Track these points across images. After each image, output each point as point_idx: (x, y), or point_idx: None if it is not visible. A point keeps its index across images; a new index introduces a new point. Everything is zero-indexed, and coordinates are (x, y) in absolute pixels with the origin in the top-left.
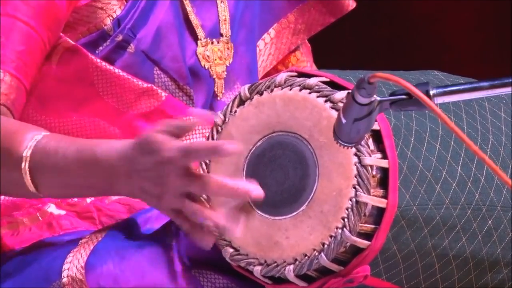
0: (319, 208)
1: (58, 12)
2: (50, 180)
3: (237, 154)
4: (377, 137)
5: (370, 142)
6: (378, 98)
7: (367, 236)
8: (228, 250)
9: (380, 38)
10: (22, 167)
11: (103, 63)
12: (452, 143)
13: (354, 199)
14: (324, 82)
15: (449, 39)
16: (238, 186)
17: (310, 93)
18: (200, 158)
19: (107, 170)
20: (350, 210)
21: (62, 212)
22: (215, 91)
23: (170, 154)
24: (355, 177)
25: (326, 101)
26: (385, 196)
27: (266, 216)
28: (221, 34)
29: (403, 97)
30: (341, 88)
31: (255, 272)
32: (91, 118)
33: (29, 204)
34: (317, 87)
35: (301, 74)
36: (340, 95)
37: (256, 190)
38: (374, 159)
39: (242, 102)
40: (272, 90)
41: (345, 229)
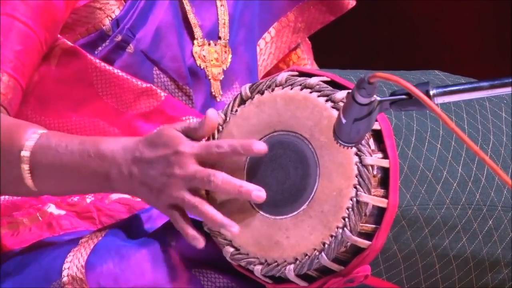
0: (320, 207)
1: (56, 12)
2: (48, 175)
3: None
4: (378, 137)
5: (371, 141)
6: (378, 98)
7: (368, 236)
8: (228, 250)
9: (380, 38)
10: (22, 163)
11: (102, 64)
12: (453, 143)
13: (354, 199)
14: (325, 82)
15: (449, 39)
16: (242, 185)
17: (311, 92)
18: (227, 155)
19: (108, 161)
20: (350, 209)
21: (62, 212)
22: (212, 93)
23: (189, 150)
24: (356, 176)
25: (327, 100)
26: (385, 196)
27: (267, 215)
28: (219, 37)
29: (403, 97)
30: (342, 87)
31: (256, 271)
32: (91, 118)
33: (29, 204)
34: (318, 87)
35: (302, 74)
36: (341, 95)
37: (257, 192)
38: (375, 159)
39: (243, 102)
40: (273, 90)
41: (345, 228)
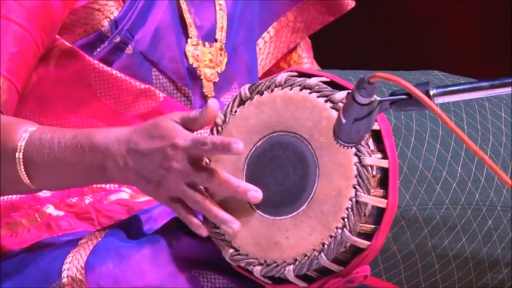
0: (319, 208)
1: (53, 13)
2: (44, 172)
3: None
4: (377, 137)
5: (370, 142)
6: (378, 98)
7: (367, 236)
8: (228, 250)
9: (380, 38)
10: (16, 157)
11: (101, 65)
12: (452, 143)
13: (354, 199)
14: (324, 82)
15: (449, 39)
16: (240, 184)
17: (310, 93)
18: (211, 151)
19: (102, 152)
20: (350, 210)
21: (61, 213)
22: (205, 92)
23: (182, 143)
24: (355, 177)
25: (326, 101)
26: (385, 196)
27: (266, 216)
28: (215, 40)
29: (403, 97)
30: (341, 88)
31: (255, 272)
32: (89, 119)
33: (27, 205)
34: (317, 87)
35: (301, 74)
36: (340, 95)
37: (254, 192)
38: (374, 159)
39: (242, 102)
40: (272, 90)
41: (345, 229)
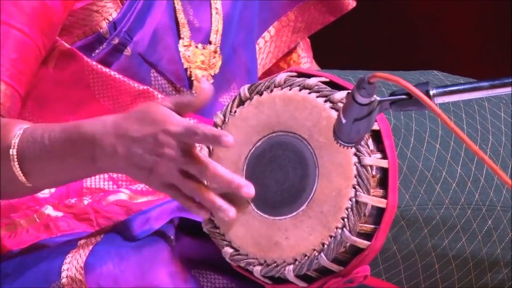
0: (319, 208)
1: (53, 16)
2: (38, 169)
3: (236, 153)
4: (377, 137)
5: (370, 142)
6: (378, 98)
7: (367, 236)
8: (228, 250)
9: (380, 38)
10: (10, 154)
11: (99, 66)
12: (452, 143)
13: (353, 199)
14: (323, 82)
15: (449, 39)
16: (233, 178)
17: (309, 93)
18: (201, 141)
19: (89, 141)
20: (349, 210)
21: (59, 213)
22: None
23: (175, 129)
24: (355, 177)
25: (325, 101)
26: (385, 196)
27: (266, 216)
28: (209, 42)
29: (403, 97)
30: (340, 88)
31: (255, 272)
32: None
33: (26, 205)
34: (316, 87)
35: (300, 74)
36: (339, 95)
37: (247, 188)
38: (374, 159)
39: (241, 102)
40: (271, 90)
41: (345, 229)
